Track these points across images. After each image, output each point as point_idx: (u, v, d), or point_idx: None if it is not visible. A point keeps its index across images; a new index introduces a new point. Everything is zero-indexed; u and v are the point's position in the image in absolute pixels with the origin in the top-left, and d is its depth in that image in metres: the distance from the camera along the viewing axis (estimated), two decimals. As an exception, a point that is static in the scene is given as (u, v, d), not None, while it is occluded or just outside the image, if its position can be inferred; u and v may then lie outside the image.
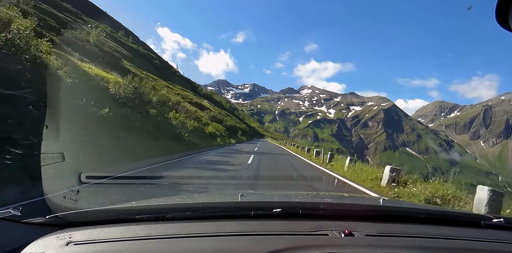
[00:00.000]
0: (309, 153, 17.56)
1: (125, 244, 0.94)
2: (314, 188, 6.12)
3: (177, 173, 6.86)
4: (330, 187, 6.41)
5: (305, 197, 1.90)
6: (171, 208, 1.22)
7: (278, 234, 1.04)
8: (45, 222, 1.08)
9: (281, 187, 5.93)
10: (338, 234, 1.06)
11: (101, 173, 5.11)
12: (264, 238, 1.00)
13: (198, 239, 0.99)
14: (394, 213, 1.37)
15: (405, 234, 1.13)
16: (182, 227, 1.09)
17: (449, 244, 1.08)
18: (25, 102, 5.72)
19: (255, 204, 1.39)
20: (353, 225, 1.16)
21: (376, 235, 1.09)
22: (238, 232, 1.05)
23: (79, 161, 5.50)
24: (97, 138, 7.67)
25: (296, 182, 6.45)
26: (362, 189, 6.26)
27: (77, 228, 1.08)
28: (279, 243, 0.95)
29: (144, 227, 1.08)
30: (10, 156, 4.00)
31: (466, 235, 1.17)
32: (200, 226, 1.11)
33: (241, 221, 1.18)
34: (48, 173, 3.58)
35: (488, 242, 1.13)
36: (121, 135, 9.32)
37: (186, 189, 4.92)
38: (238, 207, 1.29)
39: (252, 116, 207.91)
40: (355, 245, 0.99)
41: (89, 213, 1.13)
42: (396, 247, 0.99)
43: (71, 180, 3.62)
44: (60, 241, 0.96)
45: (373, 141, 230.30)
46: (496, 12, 0.85)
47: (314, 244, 0.97)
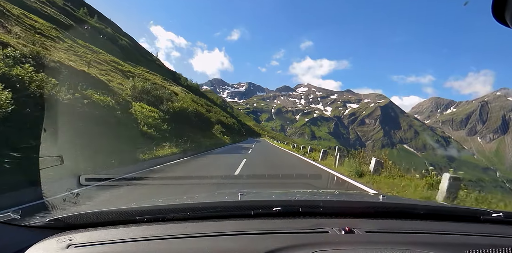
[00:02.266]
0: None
1: (126, 245, 0.94)
2: (314, 186, 6.13)
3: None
4: (329, 185, 6.43)
5: (304, 195, 1.90)
6: (171, 209, 1.22)
7: (279, 233, 1.04)
8: (45, 225, 1.08)
9: (280, 186, 5.94)
10: (338, 231, 1.06)
11: (100, 175, 5.09)
12: (265, 236, 1.01)
13: (198, 239, 0.99)
14: (393, 209, 1.38)
15: (405, 230, 1.14)
16: (182, 227, 1.09)
17: (449, 239, 1.09)
18: (24, 105, 5.68)
19: (255, 203, 1.40)
20: (353, 222, 1.17)
21: (376, 231, 1.10)
22: (239, 231, 1.05)
23: (78, 163, 5.47)
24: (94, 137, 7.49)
25: (295, 180, 6.45)
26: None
27: (77, 231, 1.08)
28: (280, 241, 0.95)
29: (145, 228, 1.08)
30: (9, 159, 3.98)
31: (466, 230, 1.18)
32: (200, 226, 1.11)
33: (242, 220, 1.19)
34: (47, 176, 3.56)
35: (488, 236, 1.14)
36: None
37: (186, 189, 4.91)
38: (238, 207, 1.29)
39: (248, 115, 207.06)
40: (356, 242, 1.00)
41: (89, 215, 1.13)
42: (396, 243, 1.00)
43: (70, 183, 3.60)
44: (61, 243, 0.96)
45: (371, 138, 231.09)
46: (492, 7, 0.86)
47: (314, 241, 0.97)
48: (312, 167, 10.51)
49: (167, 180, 5.82)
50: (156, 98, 18.12)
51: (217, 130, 30.90)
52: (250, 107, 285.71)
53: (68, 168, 4.22)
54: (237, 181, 6.18)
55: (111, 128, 9.73)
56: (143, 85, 18.19)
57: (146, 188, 4.97)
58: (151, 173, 6.62)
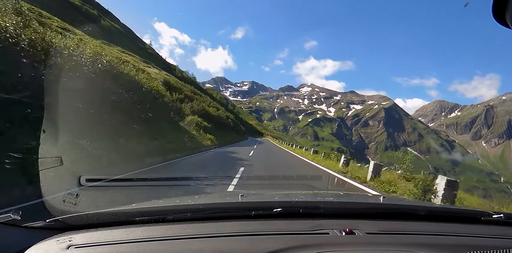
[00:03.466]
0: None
1: (126, 246, 0.94)
2: (314, 187, 6.12)
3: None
4: (330, 186, 6.41)
5: (305, 196, 1.89)
6: (171, 210, 1.22)
7: (279, 234, 1.04)
8: (45, 225, 1.08)
9: (281, 187, 5.93)
10: (339, 232, 1.06)
11: (100, 175, 5.09)
12: (265, 238, 1.01)
13: (199, 240, 0.99)
14: (394, 211, 1.38)
15: (406, 232, 1.13)
16: (183, 228, 1.09)
17: (449, 240, 1.09)
18: (23, 106, 5.71)
19: (255, 204, 1.39)
20: (353, 223, 1.17)
21: (377, 233, 1.10)
22: (239, 232, 1.05)
23: (78, 164, 5.47)
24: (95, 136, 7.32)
25: (296, 181, 6.44)
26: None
27: (77, 231, 1.08)
28: (281, 242, 0.95)
29: (145, 229, 1.08)
30: (9, 160, 3.99)
31: (467, 231, 1.18)
32: (201, 227, 1.11)
33: (242, 221, 1.19)
34: (47, 177, 3.55)
35: (489, 238, 1.13)
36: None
37: (187, 190, 4.91)
38: (238, 208, 1.29)
39: (251, 114, 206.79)
40: (356, 243, 1.00)
41: (89, 216, 1.13)
42: (397, 245, 1.00)
43: (70, 183, 3.59)
44: (61, 244, 0.96)
45: (374, 140, 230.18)
46: (492, 8, 0.85)
47: (315, 243, 0.97)
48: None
49: (166, 181, 5.82)
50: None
51: (191, 123, 19.72)
52: (252, 106, 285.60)
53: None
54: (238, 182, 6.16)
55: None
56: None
57: (153, 189, 4.96)
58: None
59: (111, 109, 9.11)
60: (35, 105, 5.81)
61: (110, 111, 8.99)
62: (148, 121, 11.75)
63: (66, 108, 6.72)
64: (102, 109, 8.66)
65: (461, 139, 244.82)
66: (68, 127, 6.27)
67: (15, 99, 5.73)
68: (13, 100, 5.66)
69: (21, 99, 5.81)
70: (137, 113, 10.96)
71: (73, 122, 6.85)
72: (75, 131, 6.65)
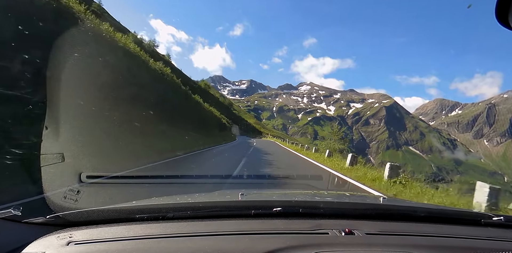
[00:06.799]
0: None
1: (126, 243, 0.95)
2: (314, 187, 6.12)
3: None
4: (330, 186, 6.42)
5: (305, 196, 1.90)
6: (171, 207, 1.22)
7: (279, 233, 1.04)
8: (45, 221, 1.09)
9: (281, 186, 5.94)
10: (338, 232, 1.06)
11: (101, 172, 5.11)
12: (265, 237, 1.01)
13: (198, 238, 0.99)
14: (394, 212, 1.38)
15: (406, 233, 1.14)
16: (182, 226, 1.09)
17: (449, 242, 1.09)
18: (25, 102, 5.72)
19: (255, 203, 1.40)
20: (353, 223, 1.17)
21: (377, 233, 1.10)
22: (239, 231, 1.05)
23: (79, 161, 5.49)
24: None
25: (296, 181, 6.44)
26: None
27: (77, 228, 1.08)
28: (280, 242, 0.95)
29: (145, 226, 1.08)
30: (11, 156, 4.00)
31: (466, 234, 1.18)
32: (200, 225, 1.11)
33: (242, 220, 1.19)
34: (48, 173, 3.56)
35: (488, 240, 1.14)
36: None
37: (187, 188, 4.92)
38: (238, 206, 1.29)
39: (249, 113, 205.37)
40: (356, 244, 1.00)
41: (89, 212, 1.13)
42: (396, 246, 1.00)
43: (71, 180, 3.61)
44: (61, 240, 0.97)
45: (375, 139, 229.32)
46: (496, 10, 0.85)
47: (314, 242, 0.97)
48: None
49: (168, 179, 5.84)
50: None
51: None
52: (251, 105, 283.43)
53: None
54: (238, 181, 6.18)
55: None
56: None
57: (154, 186, 4.98)
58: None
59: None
60: (37, 102, 5.83)
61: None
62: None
63: (68, 105, 6.74)
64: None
65: (463, 138, 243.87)
66: (70, 123, 6.29)
67: (17, 95, 5.74)
68: (16, 97, 5.68)
69: (23, 95, 5.83)
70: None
71: (75, 118, 6.86)
72: (76, 128, 6.67)
